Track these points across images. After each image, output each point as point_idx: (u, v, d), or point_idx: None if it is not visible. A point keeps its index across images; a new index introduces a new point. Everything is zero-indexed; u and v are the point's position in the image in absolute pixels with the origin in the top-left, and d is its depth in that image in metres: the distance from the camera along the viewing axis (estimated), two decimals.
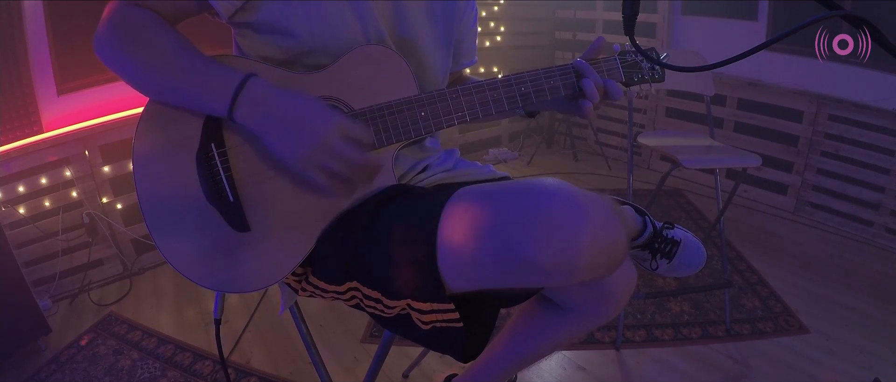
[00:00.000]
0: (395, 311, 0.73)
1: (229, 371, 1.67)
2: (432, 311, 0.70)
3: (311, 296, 0.82)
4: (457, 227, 0.65)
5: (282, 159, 0.72)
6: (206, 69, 0.71)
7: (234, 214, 0.73)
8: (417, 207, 0.73)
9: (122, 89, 2.31)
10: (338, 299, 0.79)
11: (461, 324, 0.70)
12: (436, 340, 0.74)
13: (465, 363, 0.78)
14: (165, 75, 0.72)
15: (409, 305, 0.71)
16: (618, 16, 0.70)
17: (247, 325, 1.90)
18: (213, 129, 0.74)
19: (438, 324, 0.71)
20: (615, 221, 0.61)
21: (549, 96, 0.85)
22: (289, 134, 0.69)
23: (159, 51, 0.72)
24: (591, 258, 0.58)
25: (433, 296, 0.68)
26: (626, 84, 0.92)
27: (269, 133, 0.71)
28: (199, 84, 0.71)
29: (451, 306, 0.68)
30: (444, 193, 0.70)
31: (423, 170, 0.92)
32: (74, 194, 2.19)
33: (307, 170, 0.70)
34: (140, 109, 0.76)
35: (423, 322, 0.72)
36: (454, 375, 1.09)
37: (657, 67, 0.93)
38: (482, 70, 3.36)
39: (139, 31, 0.72)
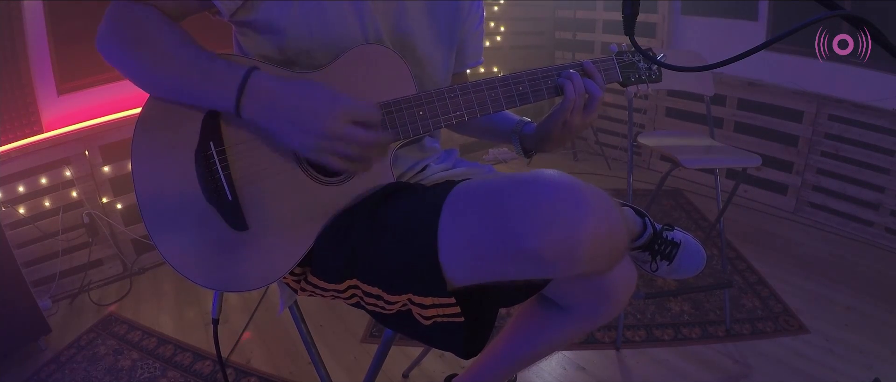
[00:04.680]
0: (396, 307, 0.74)
1: (229, 371, 1.67)
2: (433, 305, 0.70)
3: (310, 295, 0.83)
4: (458, 219, 0.65)
5: (295, 150, 0.73)
6: (209, 65, 0.71)
7: (233, 213, 0.73)
8: (418, 201, 0.73)
9: (122, 89, 2.32)
10: (337, 297, 0.79)
11: (462, 319, 0.70)
12: (436, 336, 0.74)
13: (466, 359, 0.78)
14: (169, 72, 0.72)
15: (410, 300, 0.71)
16: (618, 16, 0.70)
17: (247, 325, 1.90)
18: (212, 128, 0.74)
19: (439, 319, 0.72)
20: (615, 212, 0.62)
21: (547, 96, 0.85)
22: (295, 126, 0.70)
23: (162, 48, 0.72)
24: (593, 248, 0.59)
25: (435, 290, 0.68)
26: (624, 84, 0.93)
27: (277, 127, 0.71)
28: (203, 80, 0.71)
29: (453, 300, 0.68)
30: (444, 187, 0.71)
31: (423, 170, 0.92)
32: (74, 194, 2.19)
33: (321, 157, 0.71)
34: (140, 109, 0.76)
35: (425, 317, 0.72)
36: (454, 375, 1.09)
37: (654, 67, 0.94)
38: (482, 70, 3.35)
39: (141, 28, 0.72)
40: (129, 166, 0.74)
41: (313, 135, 0.69)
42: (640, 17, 0.95)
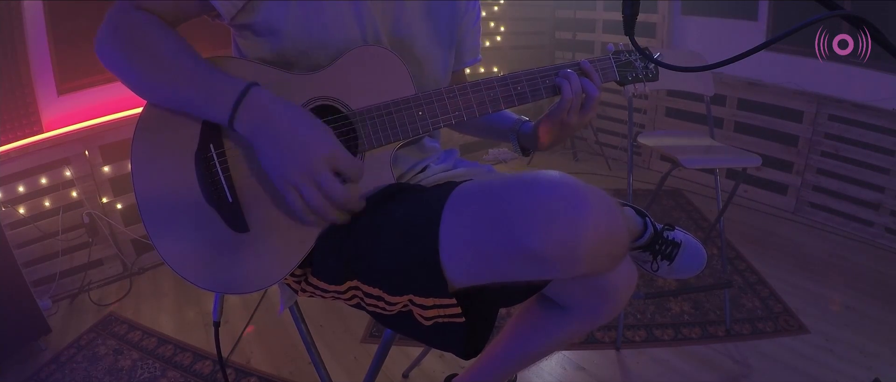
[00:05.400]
0: (397, 308, 0.73)
1: (229, 371, 1.67)
2: (434, 306, 0.70)
3: (311, 296, 0.82)
4: (459, 220, 0.65)
5: (268, 173, 0.71)
6: (207, 77, 0.71)
7: (233, 214, 0.73)
8: (419, 202, 0.73)
9: (122, 89, 2.27)
10: (338, 298, 0.79)
11: (463, 320, 0.70)
12: (437, 337, 0.74)
13: (466, 360, 0.78)
14: (166, 81, 0.72)
15: (411, 301, 0.71)
16: (618, 16, 0.70)
17: (247, 325, 1.90)
18: (212, 130, 0.74)
19: (440, 320, 0.72)
20: (616, 212, 0.62)
21: (545, 96, 0.86)
22: (278, 150, 0.69)
23: (160, 56, 0.72)
24: (593, 249, 0.59)
25: (435, 291, 0.68)
26: (621, 83, 0.94)
27: (261, 145, 0.70)
28: (200, 92, 0.71)
29: (454, 301, 0.68)
30: (445, 188, 0.71)
31: (423, 170, 0.92)
32: (74, 194, 2.19)
33: (287, 191, 0.69)
34: (140, 110, 0.76)
35: (425, 318, 0.72)
36: (454, 375, 1.09)
37: (651, 66, 0.94)
38: (482, 70, 3.36)
39: (140, 35, 0.72)
40: (129, 167, 0.74)
41: (292, 166, 0.68)
42: (640, 17, 0.95)
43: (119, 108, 2.33)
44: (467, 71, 1.07)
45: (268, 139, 0.70)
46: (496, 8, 3.42)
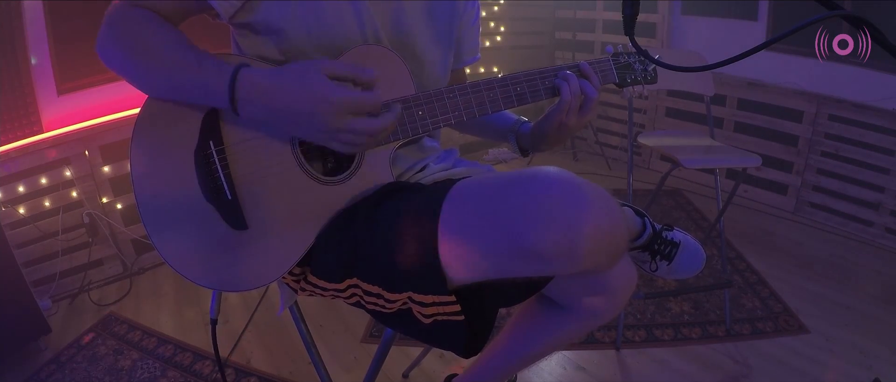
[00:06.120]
0: (397, 305, 0.74)
1: (229, 371, 1.67)
2: (434, 304, 0.70)
3: (310, 295, 0.83)
4: (458, 216, 0.65)
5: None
6: (201, 67, 0.71)
7: (232, 212, 0.73)
8: (418, 199, 0.73)
9: (122, 89, 2.32)
10: (338, 297, 0.79)
11: (462, 317, 0.70)
12: (437, 335, 0.75)
13: (466, 358, 0.78)
14: (164, 76, 0.72)
15: (410, 298, 0.71)
16: (618, 16, 0.70)
17: (247, 325, 1.90)
18: (212, 126, 0.74)
19: (440, 318, 0.72)
20: (615, 209, 0.62)
21: (544, 97, 0.86)
22: (298, 126, 0.71)
23: (157, 51, 0.72)
24: (592, 245, 0.59)
25: (435, 288, 0.68)
26: (620, 85, 0.94)
27: (279, 127, 0.72)
28: (196, 82, 0.71)
29: (453, 298, 0.68)
30: (444, 185, 0.71)
31: (422, 169, 0.92)
32: (74, 194, 2.19)
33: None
34: (139, 109, 0.76)
35: (425, 315, 0.72)
36: (454, 375, 1.09)
37: (650, 68, 0.95)
38: (482, 70, 3.36)
39: (138, 31, 0.72)
40: (129, 166, 0.74)
41: (316, 130, 0.70)
42: (640, 17, 0.95)
43: (119, 108, 2.33)
44: (467, 70, 1.07)
45: (282, 119, 0.71)
46: (496, 8, 3.42)
